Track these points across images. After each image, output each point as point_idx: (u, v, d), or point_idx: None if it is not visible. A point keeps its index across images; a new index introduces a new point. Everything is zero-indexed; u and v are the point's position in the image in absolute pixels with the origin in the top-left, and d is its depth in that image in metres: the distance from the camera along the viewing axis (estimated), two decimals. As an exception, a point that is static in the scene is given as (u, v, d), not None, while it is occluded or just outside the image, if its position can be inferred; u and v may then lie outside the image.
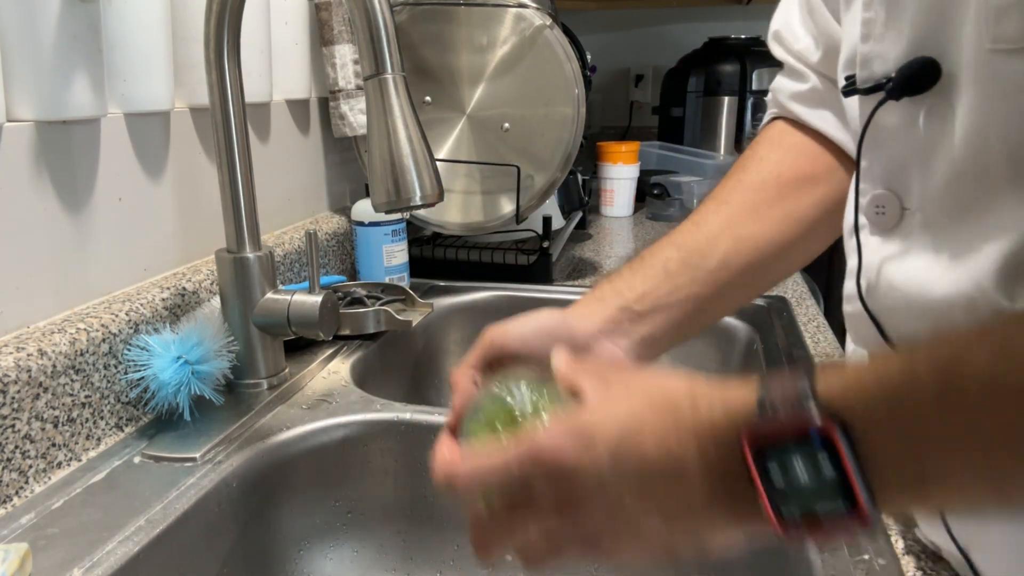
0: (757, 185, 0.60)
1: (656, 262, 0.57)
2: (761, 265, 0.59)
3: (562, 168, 1.07)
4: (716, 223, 0.59)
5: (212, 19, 0.65)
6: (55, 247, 0.64)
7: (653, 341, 0.57)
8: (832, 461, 0.31)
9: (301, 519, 0.70)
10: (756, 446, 0.33)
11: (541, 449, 0.38)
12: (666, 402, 0.37)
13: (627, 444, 0.36)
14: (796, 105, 0.63)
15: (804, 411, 0.32)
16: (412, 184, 0.56)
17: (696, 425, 0.35)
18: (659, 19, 2.43)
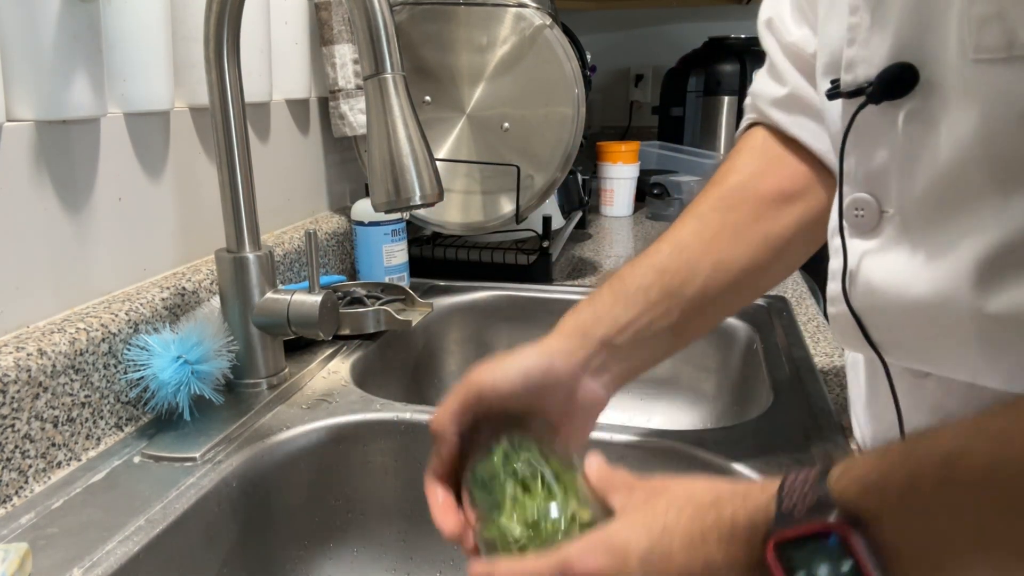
0: (736, 203, 0.59)
1: (637, 289, 0.56)
2: (737, 289, 0.59)
3: (562, 168, 1.07)
4: (697, 247, 0.58)
5: (212, 18, 0.65)
6: (55, 247, 0.64)
7: (630, 373, 0.57)
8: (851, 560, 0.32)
9: (301, 519, 0.70)
10: (779, 548, 0.34)
11: (574, 567, 0.39)
12: (692, 510, 0.38)
13: (658, 554, 0.38)
14: (775, 112, 0.62)
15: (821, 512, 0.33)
16: (412, 184, 0.56)
17: (724, 531, 0.36)
18: (659, 19, 2.43)
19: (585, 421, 0.56)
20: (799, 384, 0.77)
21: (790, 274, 0.62)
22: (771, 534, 0.34)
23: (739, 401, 0.94)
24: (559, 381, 0.54)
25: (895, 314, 0.46)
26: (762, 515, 0.35)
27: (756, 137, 0.64)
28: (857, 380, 0.61)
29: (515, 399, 0.52)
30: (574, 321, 0.56)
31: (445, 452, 0.52)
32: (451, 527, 0.50)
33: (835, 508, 0.33)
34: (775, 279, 0.62)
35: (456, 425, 0.52)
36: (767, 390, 0.78)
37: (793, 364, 0.82)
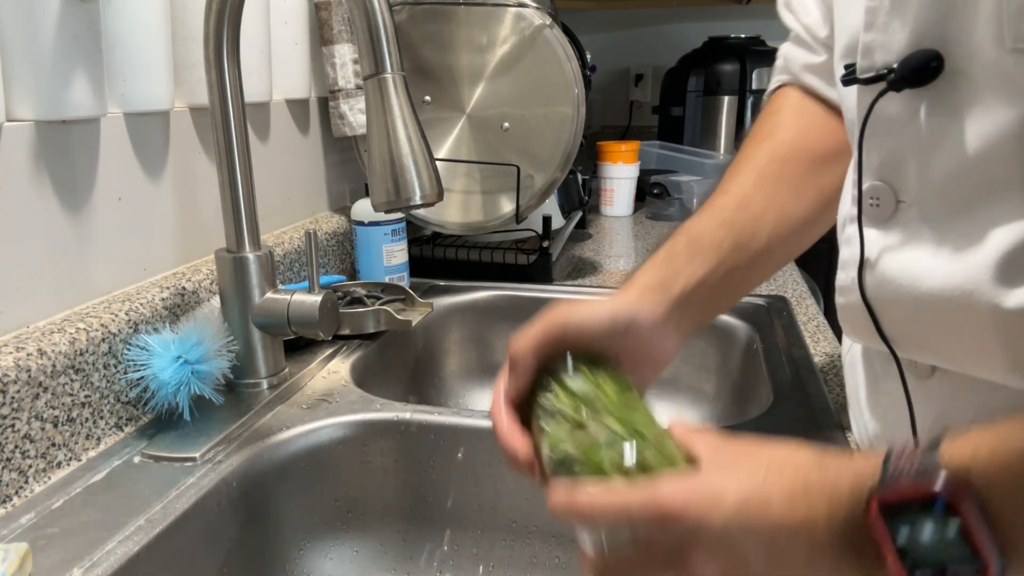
0: (791, 157, 0.61)
1: (710, 244, 0.57)
2: (796, 240, 0.61)
3: (562, 168, 1.07)
4: (760, 201, 0.59)
5: (212, 18, 0.65)
6: (55, 247, 0.64)
7: (698, 325, 0.58)
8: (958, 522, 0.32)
9: (301, 519, 0.70)
10: (884, 509, 0.34)
11: (664, 503, 0.38)
12: (794, 467, 0.38)
13: (756, 502, 0.37)
14: (812, 77, 0.63)
15: (929, 475, 0.33)
16: (412, 184, 0.56)
17: (826, 488, 0.36)
18: (659, 19, 2.43)
19: (652, 373, 0.57)
20: (799, 384, 0.77)
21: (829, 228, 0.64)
22: (875, 494, 0.34)
23: (739, 401, 0.94)
24: (640, 332, 0.54)
25: (910, 306, 0.45)
26: (868, 476, 0.35)
27: (793, 96, 0.65)
28: (856, 379, 0.61)
29: (598, 340, 0.52)
30: (655, 276, 0.56)
31: (521, 379, 0.51)
32: (523, 449, 0.48)
33: (943, 473, 0.33)
34: (822, 231, 0.64)
35: (535, 353, 0.51)
36: (767, 390, 0.78)
37: (793, 364, 0.82)
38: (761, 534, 0.37)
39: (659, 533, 0.39)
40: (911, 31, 0.43)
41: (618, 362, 0.52)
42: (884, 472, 0.35)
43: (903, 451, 0.35)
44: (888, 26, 0.44)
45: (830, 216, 0.62)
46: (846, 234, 0.50)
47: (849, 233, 0.49)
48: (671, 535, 0.38)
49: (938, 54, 0.41)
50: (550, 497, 0.41)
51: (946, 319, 0.43)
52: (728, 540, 0.37)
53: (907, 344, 0.48)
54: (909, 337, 0.47)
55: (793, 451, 0.39)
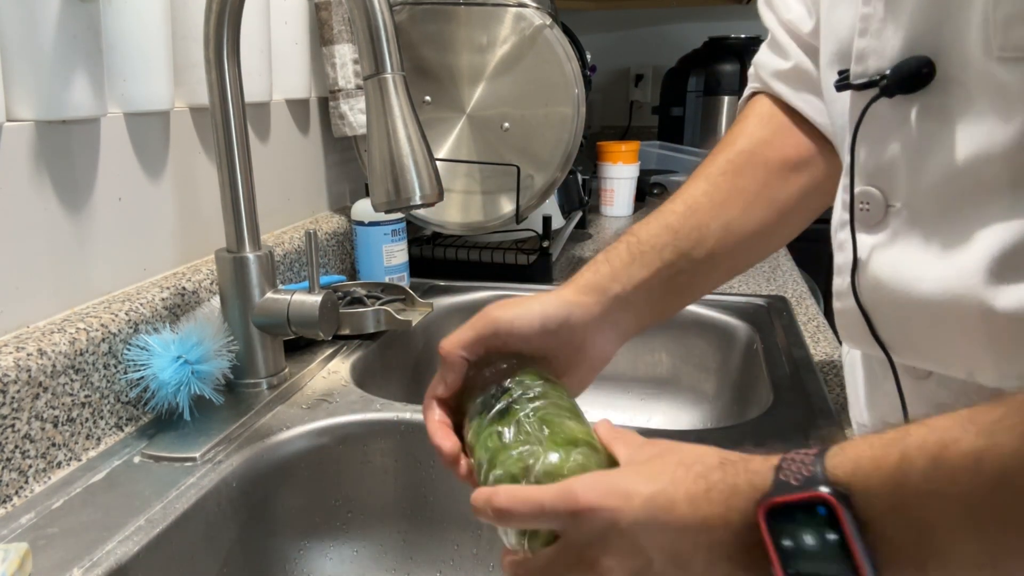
0: (746, 168, 0.61)
1: (652, 248, 0.58)
2: (743, 251, 0.61)
3: (562, 168, 1.07)
4: (708, 209, 0.59)
5: (212, 18, 0.65)
6: (55, 247, 0.64)
7: (637, 328, 0.58)
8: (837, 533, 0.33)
9: (301, 519, 0.70)
10: (771, 514, 0.35)
11: (578, 499, 0.39)
12: (700, 469, 0.39)
13: (662, 502, 0.38)
14: (779, 84, 0.63)
15: (813, 485, 0.34)
16: (412, 184, 0.56)
17: (725, 489, 0.37)
18: (659, 19, 2.43)
19: (588, 374, 0.57)
20: (799, 384, 0.77)
21: (789, 240, 0.65)
22: (764, 499, 0.35)
23: (739, 401, 0.94)
24: (573, 332, 0.55)
25: (902, 310, 0.46)
26: (760, 481, 0.36)
27: (762, 105, 0.65)
28: (855, 380, 0.61)
29: (528, 341, 0.53)
30: (592, 276, 0.57)
31: (450, 378, 0.52)
32: (450, 446, 0.50)
33: (827, 482, 0.34)
34: (777, 244, 0.65)
35: (467, 353, 0.52)
36: (767, 390, 0.78)
37: (793, 364, 0.82)
38: (666, 532, 0.38)
39: (573, 531, 0.40)
40: (904, 38, 0.43)
41: (549, 362, 0.53)
42: (775, 477, 0.36)
43: (795, 457, 0.36)
44: (881, 33, 0.44)
45: (783, 230, 0.63)
46: (839, 239, 0.50)
47: (841, 238, 0.50)
48: (584, 533, 0.39)
49: (930, 61, 0.42)
50: (472, 497, 0.43)
51: (937, 322, 0.44)
52: (635, 539, 0.38)
53: (900, 347, 0.48)
54: (903, 341, 0.48)
55: (703, 452, 0.41)
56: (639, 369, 1.05)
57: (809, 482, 0.34)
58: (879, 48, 0.44)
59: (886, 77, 0.43)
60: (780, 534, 0.35)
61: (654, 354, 1.05)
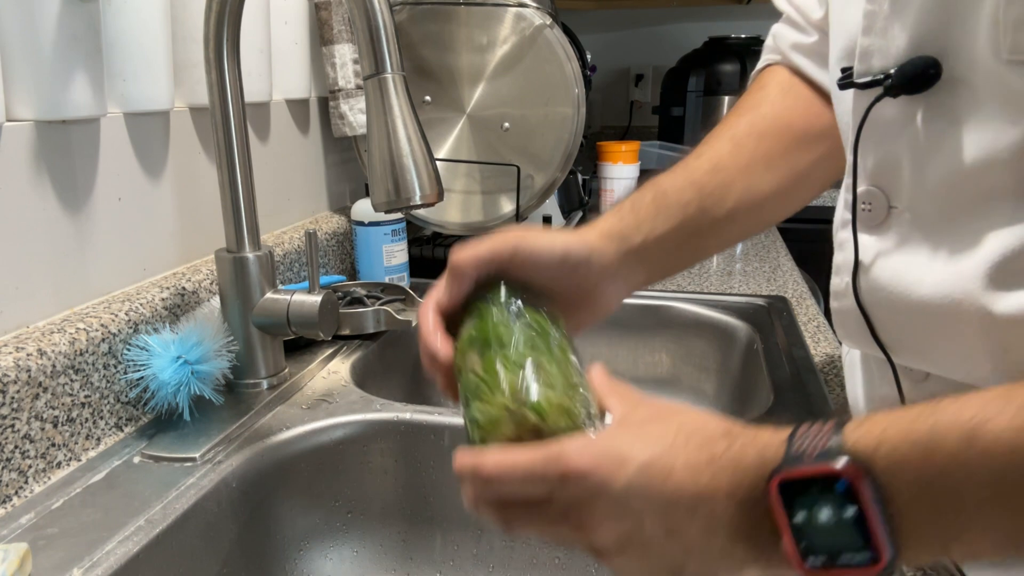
0: (770, 132, 0.61)
1: (677, 203, 0.57)
2: (759, 212, 0.61)
3: (562, 168, 1.07)
4: (732, 169, 0.59)
5: (212, 18, 0.65)
6: (55, 247, 0.64)
7: (648, 280, 0.58)
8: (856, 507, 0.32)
9: (301, 519, 0.70)
10: (784, 488, 0.34)
11: (569, 463, 0.38)
12: (703, 436, 0.38)
13: (658, 469, 0.37)
14: (800, 57, 0.63)
15: (832, 457, 0.33)
16: (412, 184, 0.56)
17: (731, 461, 0.36)
18: (659, 19, 2.43)
19: (590, 318, 0.56)
20: (799, 384, 0.77)
21: (804, 206, 0.65)
22: (777, 472, 0.34)
23: (739, 401, 0.94)
24: (588, 275, 0.53)
25: (901, 311, 0.45)
26: (771, 453, 0.35)
27: (781, 74, 0.65)
28: (855, 381, 0.61)
29: (543, 272, 0.51)
30: (617, 223, 0.56)
31: (455, 290, 0.50)
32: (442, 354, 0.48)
33: (846, 455, 0.32)
34: (792, 208, 0.64)
35: (477, 270, 0.50)
36: (767, 390, 0.78)
37: (793, 364, 0.82)
38: (660, 500, 0.37)
39: (561, 492, 0.39)
40: (910, 37, 0.42)
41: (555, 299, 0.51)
42: (788, 450, 0.34)
43: (809, 430, 0.35)
44: (887, 31, 0.44)
45: (798, 196, 0.63)
46: (839, 238, 0.50)
47: (842, 238, 0.49)
48: (573, 495, 0.38)
49: (936, 61, 0.41)
50: (456, 461, 0.42)
51: (936, 325, 0.43)
52: (627, 503, 0.37)
53: (899, 348, 0.48)
54: (901, 342, 0.47)
55: (705, 420, 0.39)
56: (639, 369, 1.05)
57: (826, 454, 0.33)
58: (883, 47, 0.44)
59: (891, 76, 0.43)
60: (793, 507, 0.33)
61: (654, 354, 1.05)
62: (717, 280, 1.15)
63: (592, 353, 1.05)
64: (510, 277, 0.50)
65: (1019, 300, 0.39)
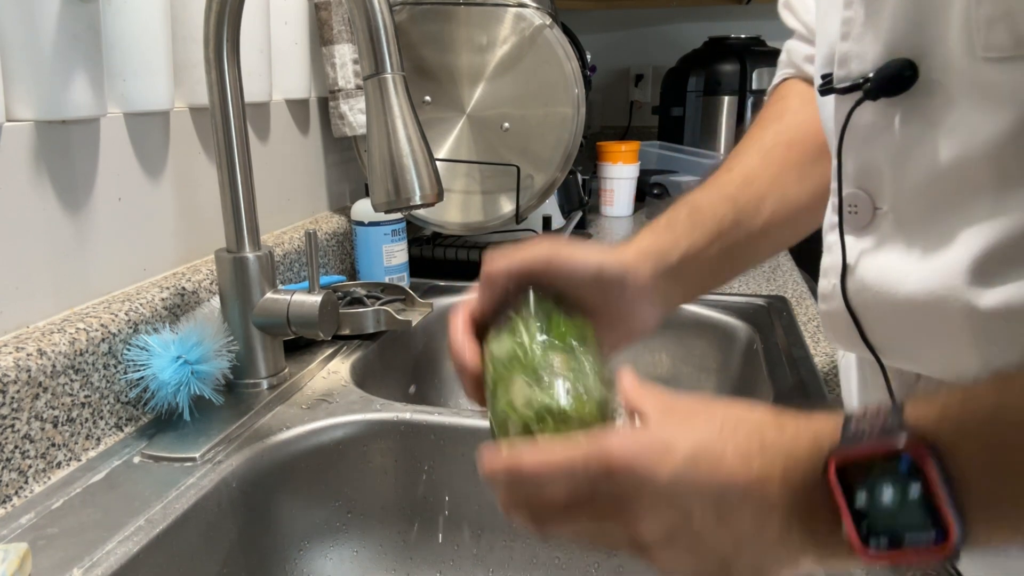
0: (797, 142, 0.60)
1: (713, 217, 0.56)
2: (792, 225, 0.60)
3: (562, 168, 1.07)
4: (764, 180, 0.58)
5: (212, 19, 0.65)
6: (55, 247, 0.64)
7: (684, 299, 0.57)
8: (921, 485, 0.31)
9: (301, 519, 0.70)
10: (843, 470, 0.33)
11: (612, 456, 0.37)
12: (751, 424, 0.37)
13: (707, 456, 0.36)
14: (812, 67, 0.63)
15: (893, 435, 0.31)
16: (412, 184, 0.56)
17: (783, 447, 0.35)
18: (659, 19, 2.43)
19: (625, 339, 0.55)
20: (799, 384, 0.77)
21: None
22: (835, 452, 0.33)
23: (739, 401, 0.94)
24: (624, 293, 0.52)
25: (888, 311, 0.46)
26: (827, 436, 0.34)
27: (799, 86, 0.65)
28: (850, 383, 0.61)
29: (577, 287, 0.50)
30: (653, 242, 0.55)
31: (487, 298, 0.49)
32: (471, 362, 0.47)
33: (908, 432, 0.31)
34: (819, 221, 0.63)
35: (510, 279, 0.49)
36: (767, 390, 0.78)
37: (793, 364, 0.82)
38: (710, 489, 0.35)
39: (605, 487, 0.37)
40: (885, 42, 0.43)
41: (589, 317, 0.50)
42: (845, 431, 0.34)
43: (865, 412, 0.34)
44: (863, 36, 0.44)
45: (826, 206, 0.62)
46: (828, 241, 0.50)
47: (830, 241, 0.50)
48: (617, 490, 0.37)
49: (911, 63, 0.41)
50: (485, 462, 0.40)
51: (923, 323, 0.44)
52: (674, 494, 0.36)
53: (888, 350, 0.48)
54: (890, 342, 0.47)
55: (749, 409, 0.38)
56: (639, 369, 1.05)
57: (887, 431, 0.32)
58: (861, 52, 0.44)
59: (869, 80, 0.43)
60: (853, 489, 0.32)
61: (654, 354, 1.05)
62: (717, 280, 1.15)
63: (592, 353, 1.05)
64: (543, 287, 0.49)
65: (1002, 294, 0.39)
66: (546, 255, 0.50)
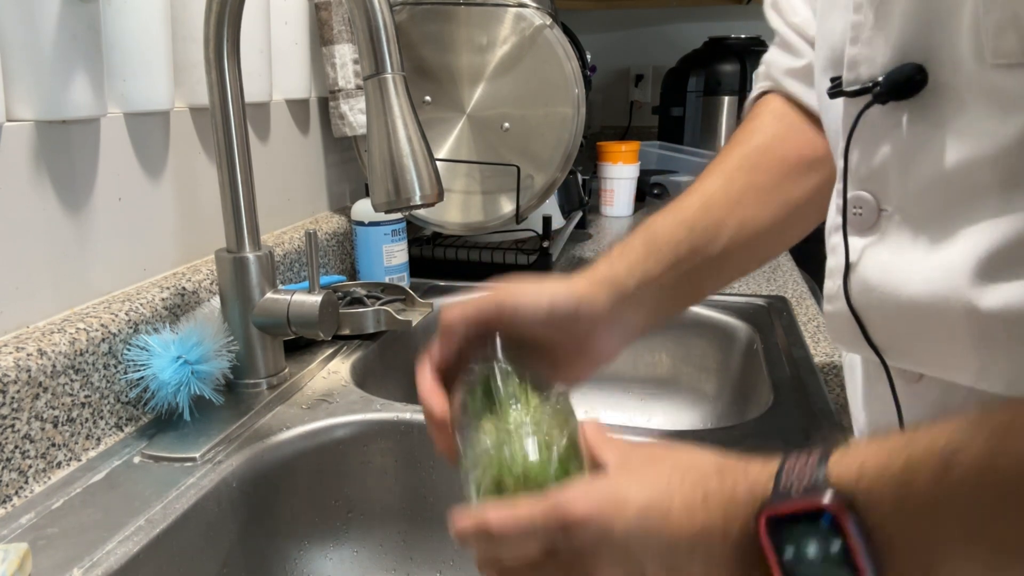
0: (762, 165, 0.61)
1: (668, 243, 0.57)
2: (755, 249, 0.60)
3: (562, 168, 1.07)
4: (723, 205, 0.59)
5: (212, 19, 0.65)
6: (55, 247, 0.64)
7: (644, 326, 0.57)
8: (841, 541, 0.32)
9: (301, 519, 0.70)
10: (773, 523, 0.34)
11: (568, 511, 0.38)
12: (696, 476, 0.38)
13: (656, 511, 0.37)
14: (791, 82, 0.63)
15: (818, 492, 0.33)
16: (412, 184, 0.56)
17: (724, 497, 0.36)
18: (659, 19, 2.43)
19: (587, 369, 0.56)
20: (799, 384, 0.77)
21: (799, 240, 0.65)
22: (764, 508, 0.34)
23: (739, 401, 0.94)
24: (579, 325, 0.53)
25: (891, 312, 0.46)
26: (760, 489, 0.35)
27: (775, 103, 0.65)
28: (854, 382, 0.61)
29: (532, 327, 0.52)
30: (608, 270, 0.56)
31: (447, 348, 0.52)
32: (438, 410, 0.50)
33: (831, 490, 0.33)
34: (788, 242, 0.64)
35: (467, 328, 0.51)
36: (767, 390, 0.78)
37: (793, 364, 0.82)
38: (660, 543, 0.37)
39: (564, 542, 0.39)
40: (894, 46, 0.43)
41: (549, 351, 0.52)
42: (776, 485, 0.35)
43: (796, 463, 0.35)
44: (872, 40, 0.44)
45: (793, 230, 0.62)
46: (831, 243, 0.50)
47: (834, 242, 0.50)
48: (575, 544, 0.38)
49: (922, 68, 0.42)
50: (456, 523, 0.42)
51: (925, 324, 0.44)
52: (628, 547, 0.37)
53: (892, 350, 0.48)
54: (893, 343, 0.48)
55: (698, 457, 0.40)
56: (639, 369, 1.05)
57: (811, 490, 0.33)
58: (870, 56, 0.45)
59: (879, 84, 0.43)
60: (782, 544, 0.34)
61: (654, 354, 1.05)
62: (717, 280, 1.15)
63: (592, 353, 1.05)
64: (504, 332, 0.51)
65: (1004, 295, 0.39)
66: (496, 300, 0.51)
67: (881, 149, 0.46)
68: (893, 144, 0.45)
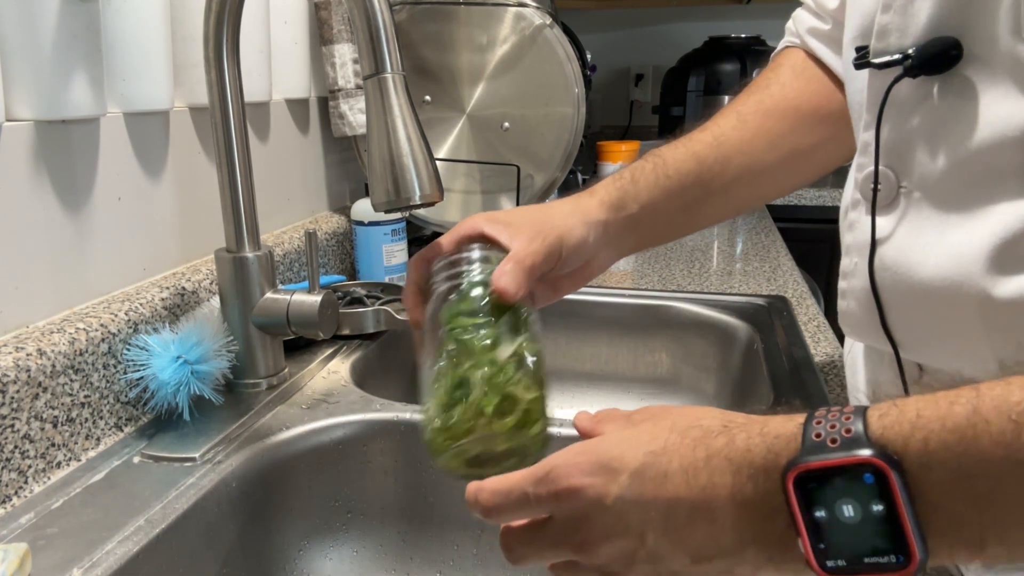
0: (776, 111, 0.62)
1: (677, 172, 0.59)
2: (756, 188, 0.62)
3: (562, 167, 1.07)
4: (733, 143, 0.60)
5: (211, 18, 0.65)
6: (55, 247, 0.64)
7: (638, 247, 0.60)
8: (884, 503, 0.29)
9: (301, 519, 0.70)
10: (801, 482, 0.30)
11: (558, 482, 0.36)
12: (698, 433, 0.35)
13: (652, 475, 0.34)
14: (816, 42, 0.64)
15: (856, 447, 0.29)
16: (412, 184, 0.56)
17: (734, 457, 0.33)
18: (659, 18, 2.43)
19: (579, 283, 0.58)
20: (800, 384, 0.77)
21: (802, 186, 0.67)
22: (794, 464, 0.30)
23: (739, 401, 0.94)
24: (586, 249, 0.56)
25: (905, 295, 0.45)
26: (784, 444, 0.32)
27: (796, 57, 0.66)
28: (856, 382, 0.61)
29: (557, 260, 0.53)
30: (616, 191, 0.58)
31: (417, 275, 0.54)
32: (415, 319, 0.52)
33: (873, 443, 0.29)
34: (789, 187, 0.66)
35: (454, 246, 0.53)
36: (768, 390, 0.78)
37: (793, 364, 0.82)
38: (657, 509, 0.34)
39: (558, 511, 0.37)
40: (929, 16, 0.42)
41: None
42: (805, 438, 0.31)
43: (827, 415, 0.32)
44: (906, 9, 0.43)
45: (797, 175, 0.64)
46: (850, 219, 0.50)
47: (853, 218, 0.49)
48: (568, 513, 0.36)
49: (957, 42, 0.40)
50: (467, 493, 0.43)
51: (938, 310, 0.43)
52: (623, 516, 0.35)
53: (904, 337, 0.47)
54: (907, 329, 0.47)
55: (702, 413, 0.37)
56: (639, 369, 1.05)
57: (851, 443, 0.30)
58: (902, 25, 0.43)
59: (910, 57, 0.42)
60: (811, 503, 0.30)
61: (654, 354, 1.05)
62: (717, 280, 1.15)
63: (592, 353, 1.05)
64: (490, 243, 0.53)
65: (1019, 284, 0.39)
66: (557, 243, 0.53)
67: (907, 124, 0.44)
68: (920, 119, 0.43)
